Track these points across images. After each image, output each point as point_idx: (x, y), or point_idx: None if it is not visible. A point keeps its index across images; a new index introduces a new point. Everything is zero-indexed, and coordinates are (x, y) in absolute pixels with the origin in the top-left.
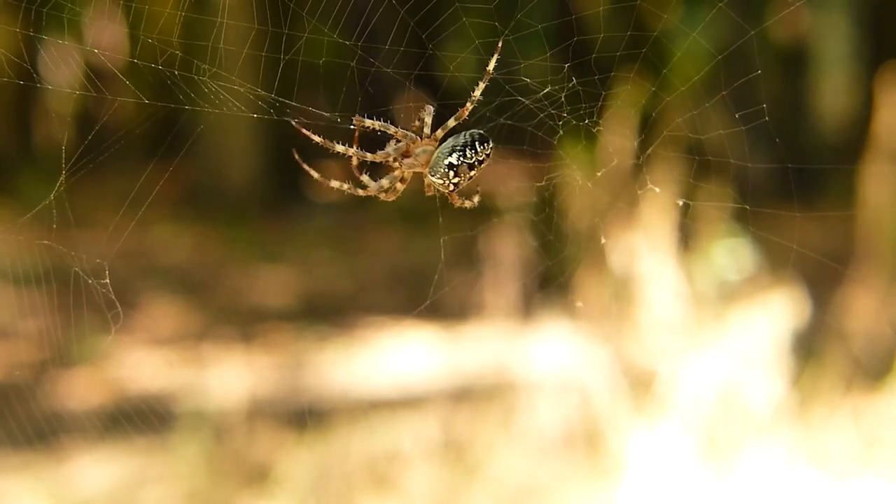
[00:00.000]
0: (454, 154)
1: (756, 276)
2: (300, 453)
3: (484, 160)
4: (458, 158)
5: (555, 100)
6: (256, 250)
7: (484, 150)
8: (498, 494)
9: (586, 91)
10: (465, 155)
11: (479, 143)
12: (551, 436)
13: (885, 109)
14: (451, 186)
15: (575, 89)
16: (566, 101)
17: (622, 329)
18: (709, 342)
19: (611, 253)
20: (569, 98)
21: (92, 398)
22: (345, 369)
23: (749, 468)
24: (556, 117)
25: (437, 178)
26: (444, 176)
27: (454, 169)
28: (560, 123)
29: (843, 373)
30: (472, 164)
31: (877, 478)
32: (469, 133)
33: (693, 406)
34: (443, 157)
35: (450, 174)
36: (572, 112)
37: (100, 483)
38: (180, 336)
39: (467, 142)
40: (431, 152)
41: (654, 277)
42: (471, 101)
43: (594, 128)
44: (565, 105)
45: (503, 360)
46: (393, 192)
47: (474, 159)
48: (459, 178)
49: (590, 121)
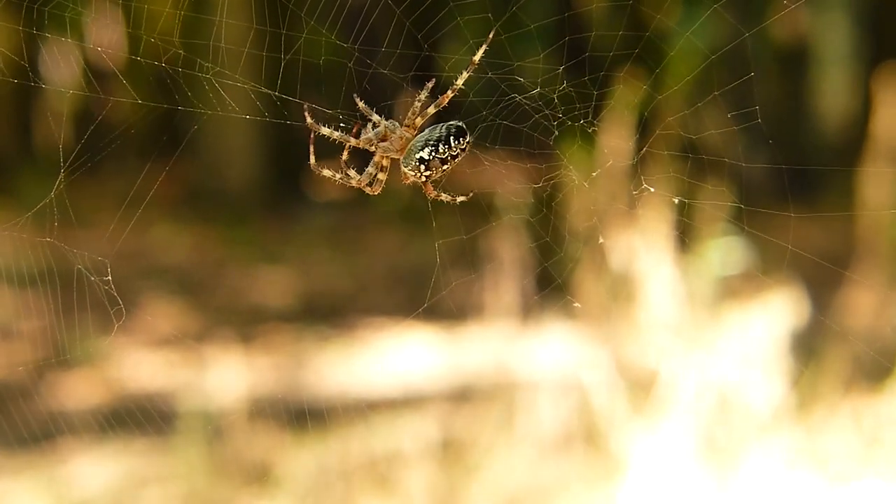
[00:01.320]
0: (426, 149)
1: (755, 276)
2: (300, 453)
3: (458, 154)
4: (429, 153)
5: (549, 100)
6: (256, 250)
7: (458, 146)
8: (497, 494)
9: (581, 92)
10: (437, 150)
11: (454, 137)
12: (551, 436)
13: (884, 109)
14: (423, 178)
15: (569, 90)
16: (561, 102)
17: (621, 329)
18: (708, 342)
19: (609, 253)
20: (564, 99)
21: (92, 398)
22: (344, 369)
23: (749, 469)
24: (551, 118)
25: (408, 170)
26: (415, 168)
27: (425, 163)
28: (555, 124)
29: (843, 373)
30: (445, 158)
31: (877, 478)
32: (445, 126)
33: (693, 406)
34: (415, 150)
35: (420, 167)
36: (567, 112)
37: (100, 483)
38: (180, 336)
39: (441, 136)
40: (408, 140)
41: (652, 277)
42: (452, 90)
43: (589, 128)
44: (559, 106)
45: (503, 361)
46: (378, 185)
47: (447, 154)
48: (431, 172)
49: (585, 121)
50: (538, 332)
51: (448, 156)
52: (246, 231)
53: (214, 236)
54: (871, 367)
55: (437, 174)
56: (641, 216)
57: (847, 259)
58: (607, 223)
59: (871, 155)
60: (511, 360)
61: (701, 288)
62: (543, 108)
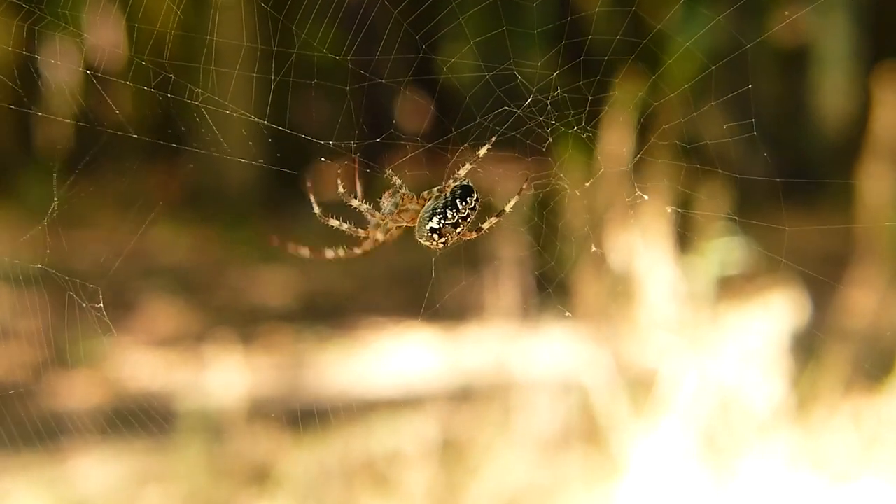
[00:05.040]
0: (434, 218)
1: (755, 276)
2: (300, 453)
3: (468, 215)
4: (438, 222)
5: (542, 106)
6: (256, 251)
7: (467, 206)
8: (497, 494)
9: (575, 97)
10: (445, 216)
11: (459, 199)
12: (551, 436)
13: (884, 109)
14: (441, 246)
15: (564, 96)
16: (557, 107)
17: (621, 329)
18: (708, 342)
19: (608, 253)
20: (559, 104)
21: (92, 398)
22: (344, 370)
23: (749, 469)
24: (546, 124)
25: (424, 241)
26: (429, 239)
27: (437, 232)
28: (549, 130)
29: (842, 373)
30: (456, 222)
31: (877, 479)
32: (450, 190)
33: (693, 406)
34: (424, 221)
35: (434, 237)
36: (562, 118)
37: (100, 483)
38: (180, 336)
39: (448, 201)
40: (417, 211)
41: (652, 276)
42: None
43: (583, 133)
44: (552, 111)
45: (502, 361)
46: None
47: (457, 218)
48: (446, 238)
49: (579, 127)
50: (538, 332)
51: (458, 219)
52: (246, 231)
53: (214, 236)
54: (871, 367)
55: (452, 238)
56: (641, 216)
57: (847, 259)
58: (605, 226)
59: (870, 154)
60: (511, 360)
61: (700, 288)
62: (536, 114)
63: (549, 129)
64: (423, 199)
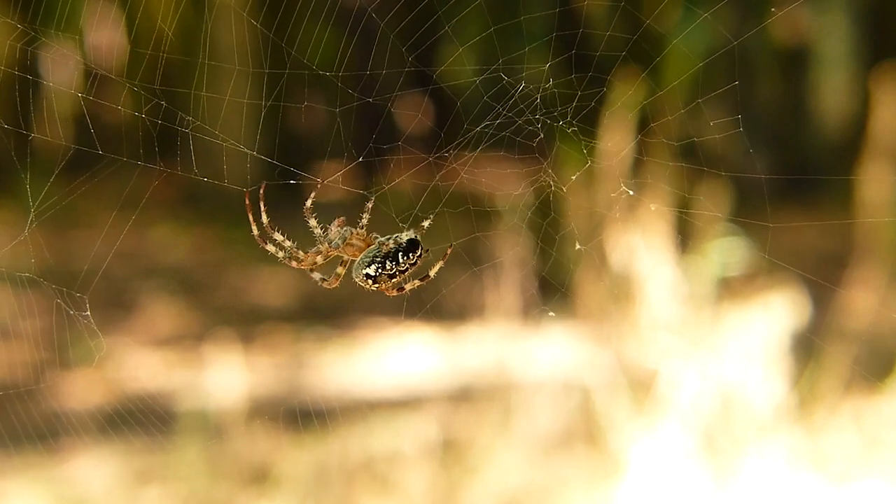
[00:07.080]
0: (372, 266)
1: (755, 276)
2: (299, 454)
3: (407, 269)
4: (375, 270)
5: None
6: (256, 251)
7: (407, 261)
8: (497, 494)
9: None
10: (383, 266)
11: (402, 253)
12: (551, 436)
13: (883, 108)
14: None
15: (557, 91)
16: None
17: (622, 329)
18: (709, 342)
19: (609, 253)
20: (551, 101)
21: (92, 398)
22: (344, 370)
23: (749, 469)
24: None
25: (358, 280)
26: (363, 281)
27: (371, 278)
28: (540, 126)
29: (843, 373)
30: (393, 274)
31: (877, 479)
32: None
33: (693, 406)
34: (362, 265)
35: (368, 281)
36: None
37: (100, 483)
38: (180, 336)
39: (390, 252)
40: (361, 249)
41: (652, 276)
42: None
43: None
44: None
45: (502, 361)
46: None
47: (395, 270)
48: (379, 285)
49: (576, 125)
50: (538, 333)
51: (396, 272)
52: (246, 231)
53: (214, 236)
54: (871, 367)
55: (385, 286)
56: (641, 216)
57: (847, 259)
58: (596, 224)
59: (870, 154)
60: (511, 361)
61: (701, 288)
62: (526, 112)
63: (540, 124)
64: (370, 240)
